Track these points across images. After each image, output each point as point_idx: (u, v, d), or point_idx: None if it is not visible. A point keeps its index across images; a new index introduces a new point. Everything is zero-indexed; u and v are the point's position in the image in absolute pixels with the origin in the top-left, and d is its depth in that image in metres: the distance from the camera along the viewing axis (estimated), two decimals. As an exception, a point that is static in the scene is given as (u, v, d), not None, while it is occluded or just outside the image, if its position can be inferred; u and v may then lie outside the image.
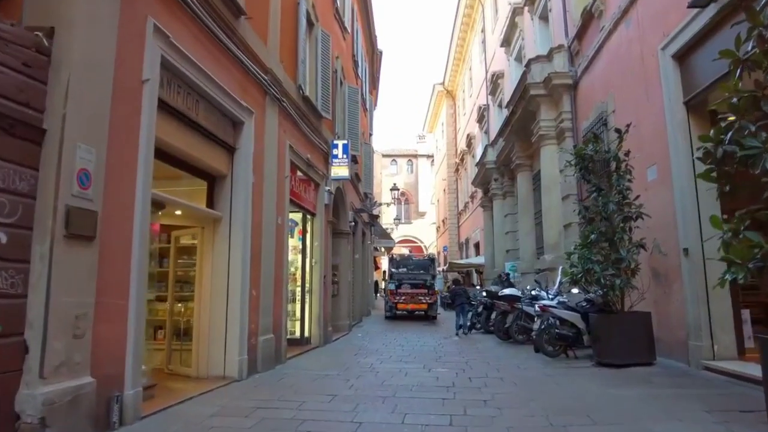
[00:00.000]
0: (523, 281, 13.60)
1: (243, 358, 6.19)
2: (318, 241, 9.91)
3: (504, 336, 10.16)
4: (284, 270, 7.77)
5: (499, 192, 18.15)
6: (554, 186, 11.52)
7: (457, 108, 33.59)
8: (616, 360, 6.63)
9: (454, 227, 33.75)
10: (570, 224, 10.88)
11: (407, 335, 11.99)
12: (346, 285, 12.56)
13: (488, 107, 21.83)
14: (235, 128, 6.53)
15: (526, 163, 14.22)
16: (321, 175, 10.04)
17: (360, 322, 15.10)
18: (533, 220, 13.93)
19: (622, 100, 8.58)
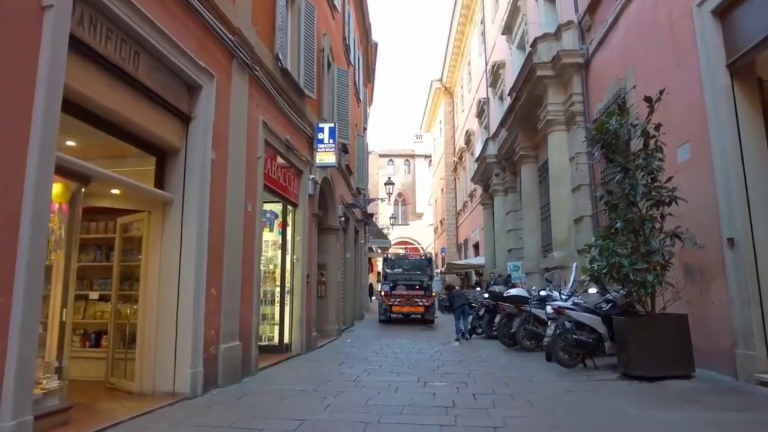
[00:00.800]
0: (528, 281, 12.51)
1: (197, 370, 5.08)
2: (301, 235, 8.81)
3: (509, 342, 9.06)
4: (255, 266, 6.66)
5: (500, 188, 17.08)
6: (564, 176, 10.45)
7: (456, 105, 32.61)
8: (648, 371, 5.54)
9: (452, 228, 32.68)
10: (582, 218, 9.81)
11: (402, 341, 10.88)
12: (335, 286, 11.45)
13: (488, 101, 20.83)
14: (190, 93, 5.43)
15: (530, 154, 13.15)
16: (304, 162, 8.95)
17: (351, 327, 13.98)
18: (539, 215, 12.85)
19: (645, 73, 7.52)
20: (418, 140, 47.90)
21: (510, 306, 8.99)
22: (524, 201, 13.32)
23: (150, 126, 4.89)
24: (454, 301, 11.58)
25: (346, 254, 14.18)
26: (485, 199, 19.58)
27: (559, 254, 10.16)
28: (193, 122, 5.42)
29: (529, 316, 8.53)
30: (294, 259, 8.68)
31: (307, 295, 8.89)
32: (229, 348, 5.72)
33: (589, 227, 9.68)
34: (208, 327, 5.36)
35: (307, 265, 8.94)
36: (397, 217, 46.16)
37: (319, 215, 9.82)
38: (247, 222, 6.37)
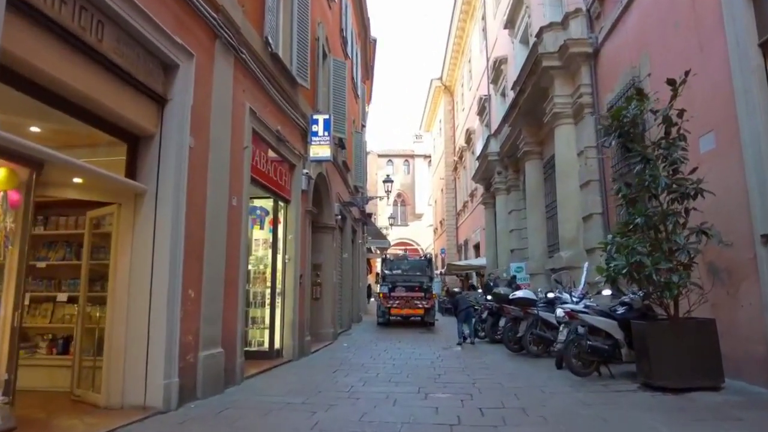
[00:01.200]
0: (533, 283, 11.98)
1: (172, 381, 4.54)
2: (293, 233, 8.27)
3: (515, 347, 8.52)
4: (241, 266, 6.12)
5: (502, 186, 16.56)
6: (571, 172, 9.92)
7: (456, 104, 32.12)
8: (672, 382, 5.01)
9: (452, 228, 32.15)
10: (591, 216, 9.28)
11: (401, 345, 10.34)
12: (331, 287, 10.91)
13: (489, 98, 20.31)
14: (166, 73, 4.90)
15: (535, 150, 12.62)
16: (297, 155, 8.41)
17: (348, 330, 13.43)
18: (544, 214, 12.32)
19: (662, 59, 7.00)
20: (418, 140, 47.39)
21: (516, 309, 8.45)
22: (528, 199, 12.79)
23: (119, 108, 4.36)
24: (458, 304, 11.03)
25: (343, 254, 13.65)
26: (487, 199, 19.06)
27: (566, 254, 9.63)
28: (169, 105, 4.89)
29: (536, 320, 8.00)
30: (286, 259, 8.14)
31: (299, 297, 8.35)
32: (209, 355, 5.18)
33: (599, 225, 9.15)
34: (185, 332, 4.81)
35: (300, 265, 8.40)
36: (396, 217, 45.62)
37: (313, 212, 9.28)
38: (231, 217, 5.83)
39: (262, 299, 8.00)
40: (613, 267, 5.40)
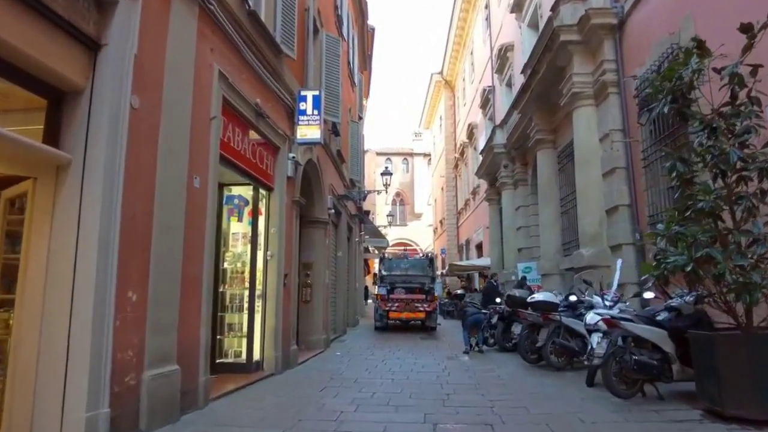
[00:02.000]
0: (545, 284, 10.88)
1: (99, 412, 3.41)
2: (276, 226, 7.14)
3: (533, 357, 7.42)
4: (205, 261, 4.99)
5: (509, 181, 15.46)
6: (593, 159, 8.82)
7: (457, 99, 31.07)
8: (752, 412, 3.91)
9: (452, 228, 31.05)
10: (616, 208, 8.18)
11: (401, 354, 9.22)
12: (323, 289, 9.79)
13: (493, 89, 19.26)
14: (100, 10, 3.78)
15: (547, 139, 11.52)
16: (282, 136, 7.30)
17: (343, 336, 12.30)
18: (558, 208, 11.21)
19: (710, 18, 5.91)
20: (417, 138, 46.33)
21: (534, 315, 7.33)
22: (541, 192, 11.69)
23: (33, 51, 3.24)
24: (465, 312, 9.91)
25: (338, 252, 12.52)
26: (491, 195, 17.96)
27: (588, 251, 8.52)
28: (103, 52, 3.76)
29: (559, 327, 6.89)
30: (268, 256, 7.02)
31: (284, 300, 7.23)
32: (158, 375, 4.05)
33: (626, 218, 8.05)
34: (123, 346, 3.69)
35: (284, 263, 7.27)
36: (395, 217, 44.52)
37: (301, 203, 8.16)
38: (193, 201, 4.71)
39: (240, 303, 6.87)
40: (672, 263, 4.27)
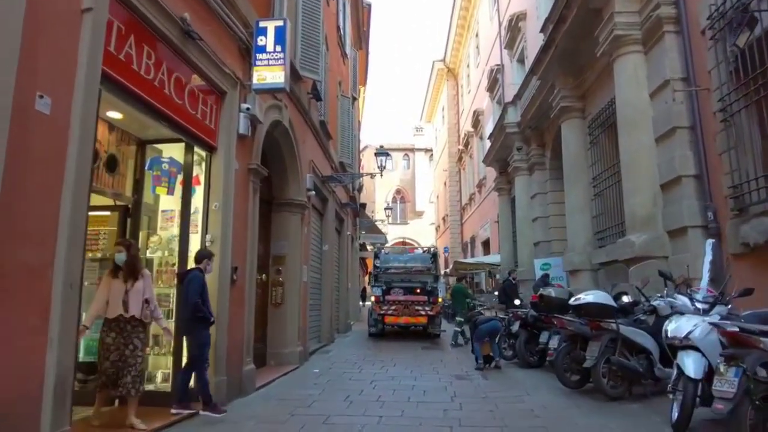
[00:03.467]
0: (574, 283, 8.88)
1: None
2: (220, 200, 5.17)
3: (575, 380, 5.42)
4: (60, 237, 3.01)
5: (523, 165, 13.47)
6: (641, 121, 6.84)
7: (460, 88, 29.15)
8: None
9: (456, 225, 29.06)
10: (678, 181, 6.20)
11: (396, 370, 7.25)
12: (299, 289, 7.79)
13: (502, 68, 17.32)
14: None
15: (574, 107, 9.52)
16: (230, 78, 5.34)
17: (329, 345, 10.31)
18: (588, 191, 9.21)
19: None
20: (418, 133, 44.35)
21: (578, 322, 5.31)
22: (567, 173, 9.67)
23: None
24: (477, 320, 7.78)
25: (324, 246, 10.55)
26: (501, 184, 15.95)
27: (639, 239, 6.51)
28: None
29: (614, 340, 4.89)
30: (207, 242, 5.05)
31: (232, 303, 5.25)
32: None
33: (692, 193, 6.08)
34: None
35: (234, 252, 5.30)
36: (396, 216, 42.56)
37: (260, 173, 6.17)
38: (33, 136, 2.74)
39: (168, 307, 4.90)
40: None
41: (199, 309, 4.52)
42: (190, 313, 4.51)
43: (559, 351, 5.44)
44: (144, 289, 4.17)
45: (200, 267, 4.65)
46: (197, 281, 4.56)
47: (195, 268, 4.70)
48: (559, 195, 12.43)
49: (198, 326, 4.58)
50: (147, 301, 4.19)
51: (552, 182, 12.49)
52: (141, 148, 5.11)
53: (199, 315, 4.54)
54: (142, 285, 4.16)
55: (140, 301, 4.13)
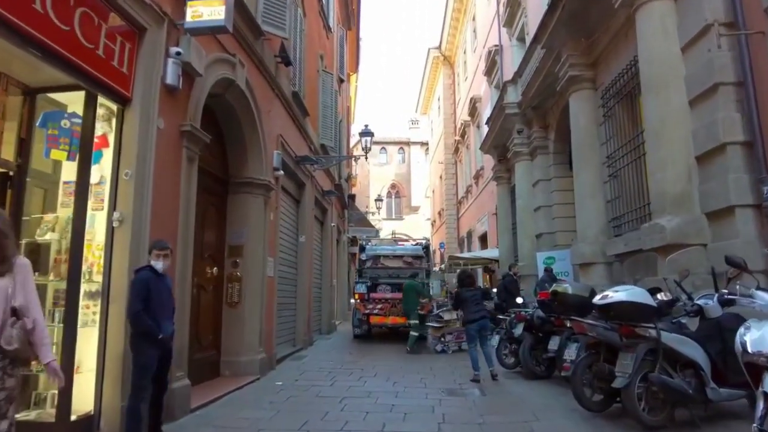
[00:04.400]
0: (584, 279, 7.68)
1: None
2: (134, 166, 3.93)
3: (598, 401, 4.20)
4: None
5: (524, 150, 12.27)
6: (673, 80, 5.63)
7: (457, 77, 27.94)
8: None
9: (452, 220, 27.90)
10: (722, 149, 5.01)
11: (375, 383, 6.04)
12: (261, 286, 6.54)
13: (501, 49, 16.12)
14: None
15: (584, 76, 8.29)
16: (151, 10, 4.10)
17: (304, 349, 9.08)
18: (600, 172, 8.00)
19: None
20: (414, 126, 43.13)
21: (603, 326, 4.09)
22: (576, 153, 8.46)
23: None
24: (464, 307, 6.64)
25: (300, 237, 9.32)
26: (500, 172, 14.74)
27: (671, 223, 5.31)
28: None
29: (653, 351, 3.68)
30: (115, 220, 3.82)
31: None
32: None
33: (739, 164, 4.90)
34: None
35: (155, 236, 4.06)
36: (391, 211, 41.35)
37: (199, 139, 4.92)
38: None
39: (50, 309, 3.67)
40: None
41: (140, 322, 3.45)
42: (132, 327, 3.48)
43: (578, 363, 4.21)
44: (13, 290, 2.36)
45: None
46: (138, 284, 3.51)
47: (145, 266, 3.63)
48: (564, 181, 11.25)
49: (140, 344, 3.49)
50: (16, 311, 2.36)
51: (556, 167, 11.31)
52: (29, 98, 3.86)
53: (140, 330, 3.46)
54: (9, 284, 2.35)
55: (3, 310, 2.32)
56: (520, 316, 6.27)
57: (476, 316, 6.38)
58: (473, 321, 6.41)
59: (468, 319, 6.51)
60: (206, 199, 5.93)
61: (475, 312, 6.42)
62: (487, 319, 6.52)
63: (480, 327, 6.38)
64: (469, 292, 6.61)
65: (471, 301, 6.47)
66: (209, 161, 6.00)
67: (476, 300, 6.49)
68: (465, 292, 6.63)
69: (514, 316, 6.40)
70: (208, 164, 5.93)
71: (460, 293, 6.73)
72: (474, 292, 6.65)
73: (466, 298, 6.53)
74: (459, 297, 6.73)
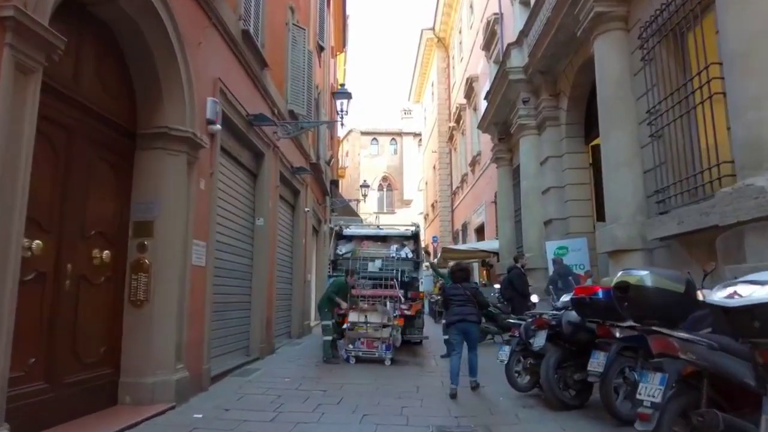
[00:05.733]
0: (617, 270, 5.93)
1: None
2: None
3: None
4: None
5: (530, 122, 10.52)
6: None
7: (451, 59, 26.20)
8: None
9: (446, 212, 26.15)
10: None
11: (337, 413, 4.27)
12: (180, 278, 4.70)
13: (501, 18, 14.40)
14: None
15: (614, 13, 6.46)
16: None
17: (260, 359, 7.26)
18: (638, 134, 6.21)
19: None
20: (407, 116, 41.33)
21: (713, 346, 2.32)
22: (603, 112, 6.64)
23: None
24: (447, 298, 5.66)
25: (256, 220, 7.49)
26: (501, 152, 12.98)
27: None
28: None
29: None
30: None
31: None
32: None
33: None
34: None
35: None
36: (383, 204, 39.54)
37: (44, 39, 3.07)
38: None
39: None
40: None
41: None
42: None
43: (664, 407, 2.42)
44: None
45: None
46: None
47: None
48: (579, 158, 9.53)
49: None
50: None
51: (569, 142, 9.56)
52: None
53: None
54: None
55: None
56: (542, 321, 4.48)
57: (455, 319, 5.39)
58: (452, 323, 5.43)
59: (448, 321, 5.67)
60: (94, 153, 4.11)
61: (455, 314, 5.41)
62: (470, 323, 5.36)
63: (461, 332, 5.35)
64: (454, 289, 5.56)
65: (455, 300, 5.46)
66: (104, 102, 4.19)
67: (460, 299, 5.42)
68: (450, 288, 5.69)
69: (532, 321, 4.61)
70: (100, 105, 4.12)
71: (445, 290, 5.88)
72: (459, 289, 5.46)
73: (450, 297, 5.56)
74: (443, 294, 5.95)
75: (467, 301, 5.36)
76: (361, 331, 7.42)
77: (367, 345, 7.38)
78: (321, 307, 7.69)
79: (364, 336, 7.40)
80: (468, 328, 5.33)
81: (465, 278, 5.75)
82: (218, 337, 5.97)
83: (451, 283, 5.86)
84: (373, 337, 7.35)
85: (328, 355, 7.36)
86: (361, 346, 7.39)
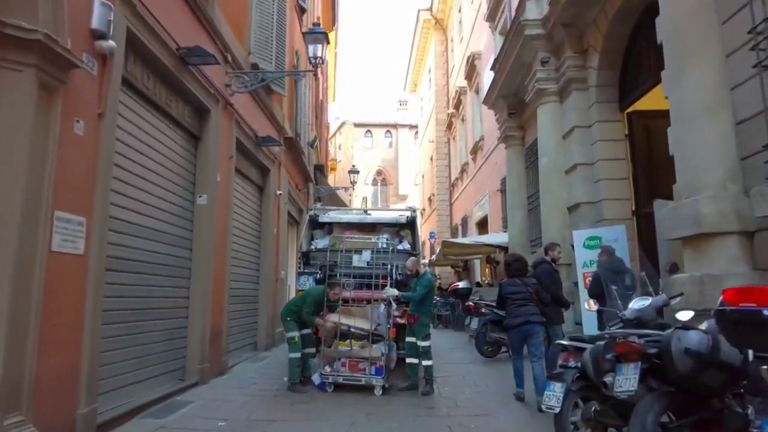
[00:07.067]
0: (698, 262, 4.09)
1: None
2: None
3: None
4: None
5: (551, 86, 8.70)
6: None
7: (450, 42, 24.42)
8: None
9: (444, 206, 24.39)
10: None
11: None
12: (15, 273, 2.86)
13: (509, -20, 12.50)
14: None
15: None
16: None
17: (205, 382, 5.39)
18: (726, 69, 4.38)
19: None
20: (402, 107, 39.52)
21: None
22: (670, 47, 4.78)
23: None
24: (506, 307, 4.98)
25: (197, 197, 5.61)
26: (511, 129, 11.17)
27: None
28: None
29: None
30: None
31: None
32: None
33: None
34: None
35: None
36: (377, 200, 37.68)
37: None
38: None
39: None
40: None
41: None
42: None
43: None
44: None
45: None
46: None
47: None
48: (613, 127, 7.73)
49: None
50: None
51: (601, 107, 7.77)
52: None
53: None
54: None
55: None
56: (630, 346, 2.57)
57: (517, 321, 4.74)
58: (513, 327, 4.82)
59: (507, 324, 4.97)
60: None
61: (516, 315, 4.77)
62: (533, 325, 4.71)
63: (523, 335, 4.76)
64: (512, 285, 4.83)
65: (514, 299, 4.77)
66: None
67: (521, 297, 4.73)
68: (507, 285, 4.91)
69: (608, 345, 2.73)
70: None
71: (501, 286, 5.05)
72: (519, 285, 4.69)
73: (508, 295, 4.83)
74: (500, 292, 5.09)
75: (529, 299, 4.67)
76: (343, 348, 5.54)
77: (351, 367, 5.49)
78: (284, 315, 5.80)
79: (346, 355, 5.52)
80: (532, 330, 4.68)
81: (523, 271, 4.95)
82: (123, 359, 4.10)
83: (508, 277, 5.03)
84: (359, 357, 5.48)
85: (294, 379, 5.50)
86: (342, 369, 5.50)
